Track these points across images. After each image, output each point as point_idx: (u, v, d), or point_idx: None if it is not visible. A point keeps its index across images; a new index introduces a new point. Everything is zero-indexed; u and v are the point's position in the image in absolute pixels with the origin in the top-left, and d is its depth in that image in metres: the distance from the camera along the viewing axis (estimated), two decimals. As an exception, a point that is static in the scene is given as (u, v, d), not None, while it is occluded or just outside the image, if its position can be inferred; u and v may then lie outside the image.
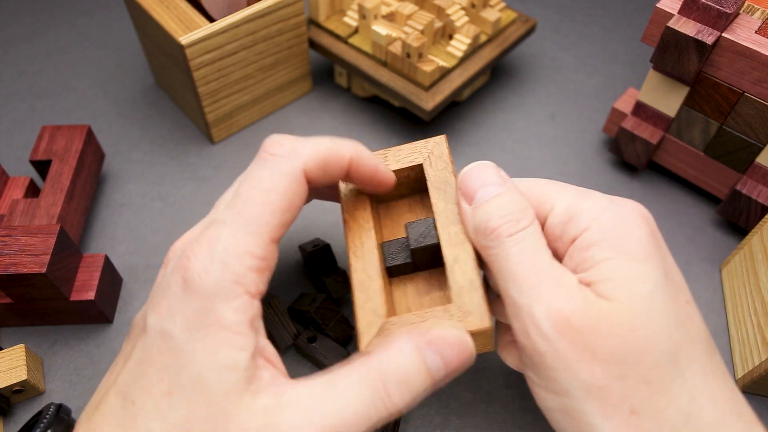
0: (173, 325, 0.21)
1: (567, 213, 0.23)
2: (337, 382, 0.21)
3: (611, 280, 0.21)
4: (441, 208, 0.27)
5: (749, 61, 0.33)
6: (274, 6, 0.40)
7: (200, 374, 0.20)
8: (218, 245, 0.22)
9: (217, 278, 0.21)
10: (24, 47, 0.52)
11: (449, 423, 0.32)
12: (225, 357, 0.21)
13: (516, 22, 0.46)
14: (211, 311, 0.21)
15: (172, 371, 0.21)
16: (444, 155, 0.28)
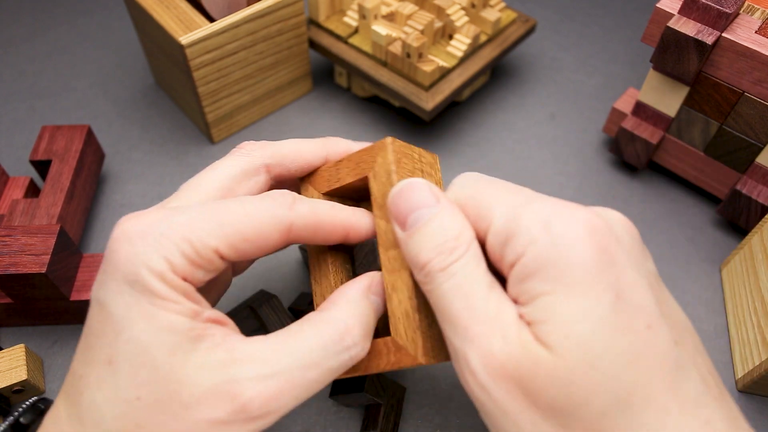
0: (106, 294, 0.21)
1: (504, 232, 0.21)
2: (295, 333, 0.22)
3: (547, 323, 0.19)
4: (383, 229, 0.24)
5: (749, 61, 0.33)
6: (274, 6, 0.40)
7: (138, 338, 0.20)
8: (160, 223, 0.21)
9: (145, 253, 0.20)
10: (24, 47, 0.52)
11: (449, 423, 0.32)
12: (161, 320, 0.20)
13: (516, 22, 0.46)
14: (139, 279, 0.20)
15: (109, 339, 0.20)
16: (386, 163, 0.24)
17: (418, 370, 0.33)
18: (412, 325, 0.23)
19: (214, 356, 0.20)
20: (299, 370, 0.21)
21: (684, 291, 0.37)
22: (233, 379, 0.20)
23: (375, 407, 0.30)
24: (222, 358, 0.20)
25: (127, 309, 0.20)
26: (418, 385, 0.33)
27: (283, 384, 0.20)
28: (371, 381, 0.30)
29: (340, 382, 0.30)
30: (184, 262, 0.21)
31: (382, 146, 0.24)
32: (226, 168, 0.25)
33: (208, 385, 0.20)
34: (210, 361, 0.20)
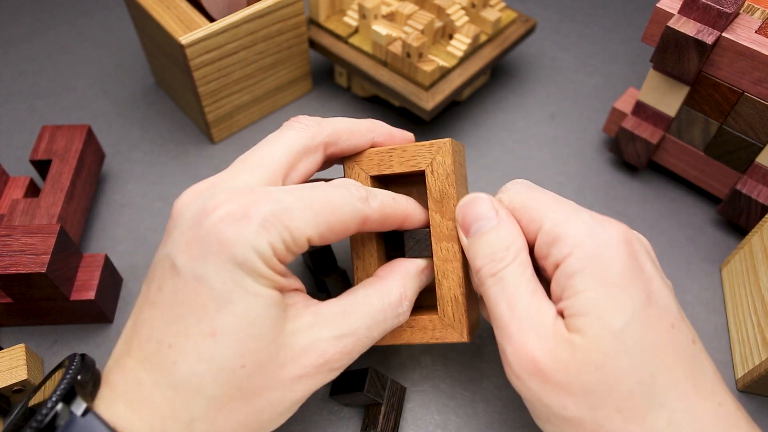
0: (207, 270, 0.21)
1: (552, 235, 0.24)
2: (362, 298, 0.25)
3: (586, 315, 0.22)
4: (437, 222, 0.28)
5: (749, 60, 0.33)
6: (274, 6, 0.40)
7: (246, 312, 0.21)
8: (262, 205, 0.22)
9: (254, 238, 0.22)
10: (24, 47, 0.52)
11: (449, 423, 0.32)
12: (266, 297, 0.22)
13: (516, 22, 0.46)
14: (248, 261, 0.21)
15: (211, 312, 0.21)
16: (446, 164, 0.27)
17: (418, 370, 0.33)
18: (460, 309, 0.27)
19: (302, 321, 0.23)
20: (365, 330, 0.25)
21: (684, 291, 0.37)
22: (318, 339, 0.23)
23: (375, 407, 0.30)
24: (308, 322, 0.23)
25: (233, 285, 0.21)
26: (418, 384, 0.33)
27: (355, 342, 0.24)
28: (371, 381, 0.30)
29: (340, 381, 0.30)
30: (283, 249, 0.22)
31: (443, 146, 0.27)
32: (289, 142, 0.26)
33: (299, 347, 0.23)
34: (299, 326, 0.23)
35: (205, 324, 0.21)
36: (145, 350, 0.22)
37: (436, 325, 0.28)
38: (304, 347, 0.23)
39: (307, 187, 0.24)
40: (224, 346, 0.21)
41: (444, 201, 0.27)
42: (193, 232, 0.22)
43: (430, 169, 0.28)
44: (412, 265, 0.27)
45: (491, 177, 0.43)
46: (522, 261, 0.24)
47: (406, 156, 0.28)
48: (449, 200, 0.27)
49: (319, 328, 0.24)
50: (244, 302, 0.21)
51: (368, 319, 0.25)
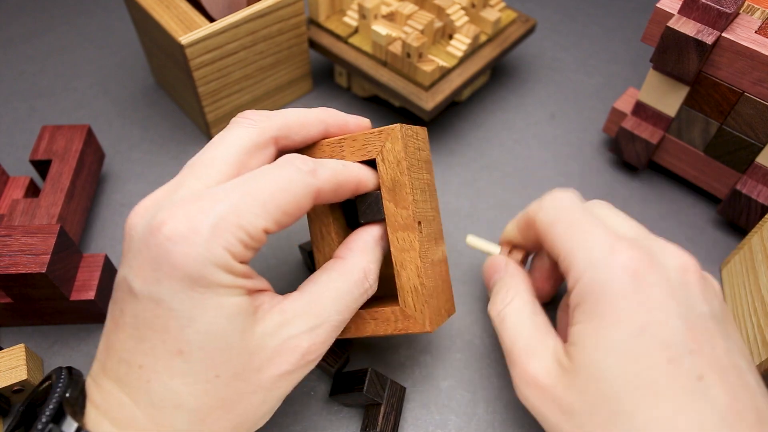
0: (163, 291, 0.21)
1: (564, 265, 0.26)
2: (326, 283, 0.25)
3: (576, 345, 0.24)
4: (391, 211, 0.27)
5: (749, 61, 0.33)
6: (274, 6, 0.40)
7: (209, 328, 0.21)
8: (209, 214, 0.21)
9: (206, 249, 0.21)
10: (24, 47, 0.52)
11: (449, 423, 0.32)
12: (229, 307, 0.22)
13: (516, 22, 0.46)
14: (203, 275, 0.21)
15: (174, 333, 0.21)
16: (396, 150, 0.26)
17: (418, 370, 0.33)
18: (420, 299, 0.27)
19: (271, 321, 0.23)
20: (336, 315, 0.25)
21: (684, 291, 0.37)
22: (290, 335, 0.23)
23: (375, 407, 0.30)
24: (277, 321, 0.23)
25: (192, 304, 0.21)
26: (418, 384, 0.33)
27: (328, 329, 0.24)
28: (371, 381, 0.29)
29: (340, 382, 0.30)
30: (241, 249, 0.22)
31: (392, 133, 0.27)
32: (237, 141, 0.25)
33: (273, 348, 0.23)
34: (269, 327, 0.23)
35: (171, 344, 0.21)
36: (118, 372, 0.22)
37: (398, 316, 0.27)
38: (277, 347, 0.23)
39: (251, 177, 0.23)
40: (194, 362, 0.21)
41: (397, 189, 0.26)
42: (143, 255, 0.21)
43: (381, 157, 0.27)
44: (369, 237, 0.27)
45: (491, 177, 0.43)
46: (522, 300, 0.28)
47: (356, 145, 0.27)
48: (402, 188, 0.26)
49: (289, 324, 0.23)
50: (205, 318, 0.21)
51: (337, 303, 0.25)
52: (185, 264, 0.21)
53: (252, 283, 0.23)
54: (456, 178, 0.43)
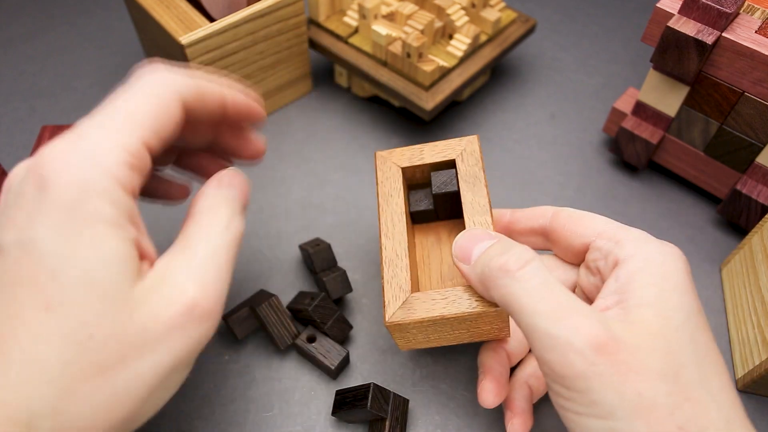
0: (36, 233, 0.18)
1: (615, 238, 0.26)
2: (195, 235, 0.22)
3: (650, 306, 0.23)
4: (468, 200, 0.29)
5: (749, 60, 0.33)
6: (274, 6, 0.40)
7: (85, 274, 0.18)
8: (82, 142, 0.19)
9: (87, 171, 0.19)
10: (24, 47, 0.52)
11: (449, 423, 0.32)
12: (110, 249, 0.19)
13: (516, 22, 0.46)
14: (82, 206, 0.19)
15: (44, 283, 0.18)
16: (475, 152, 0.31)
17: (418, 370, 0.33)
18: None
19: (154, 274, 0.21)
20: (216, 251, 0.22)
21: (684, 291, 0.37)
22: (175, 282, 0.21)
23: (379, 422, 0.30)
24: (159, 272, 0.21)
25: (67, 244, 0.18)
26: (418, 384, 0.33)
27: (214, 269, 0.22)
28: (374, 396, 0.29)
29: (343, 398, 0.30)
30: (125, 171, 0.20)
31: (473, 139, 0.32)
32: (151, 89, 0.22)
33: (158, 299, 0.20)
34: (152, 281, 0.20)
35: (38, 298, 0.18)
36: None
37: (472, 294, 0.27)
38: (163, 299, 0.20)
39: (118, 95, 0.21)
40: (63, 319, 0.18)
41: (475, 183, 0.30)
42: (18, 202, 0.19)
43: (461, 158, 0.31)
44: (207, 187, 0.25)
45: (491, 177, 0.43)
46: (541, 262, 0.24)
47: (436, 149, 0.32)
48: (479, 182, 0.30)
49: (171, 276, 0.21)
50: (80, 260, 0.18)
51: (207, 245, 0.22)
52: (61, 193, 0.18)
53: (137, 234, 0.21)
54: (456, 178, 0.43)
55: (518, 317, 0.23)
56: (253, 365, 0.33)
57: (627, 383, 0.21)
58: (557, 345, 0.22)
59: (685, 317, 0.22)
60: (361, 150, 0.45)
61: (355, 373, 0.33)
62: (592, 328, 0.22)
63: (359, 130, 0.46)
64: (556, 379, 0.22)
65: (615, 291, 0.24)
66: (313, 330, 0.33)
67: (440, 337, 0.28)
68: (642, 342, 0.22)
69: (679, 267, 0.24)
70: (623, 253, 0.25)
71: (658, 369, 0.21)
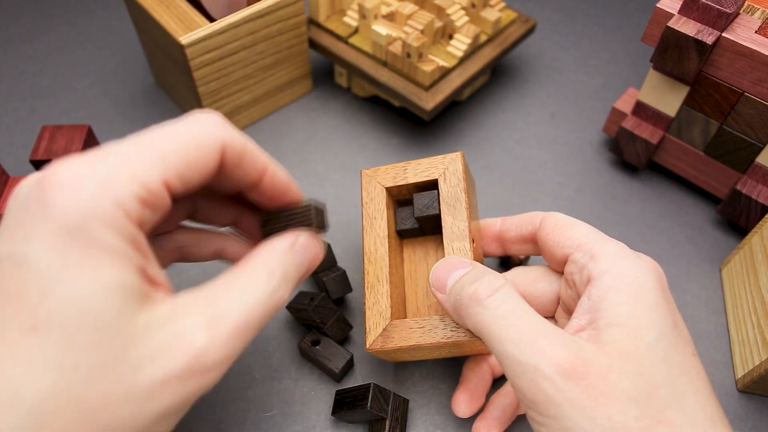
0: (31, 249, 0.17)
1: (591, 252, 0.25)
2: (233, 284, 0.21)
3: (623, 326, 0.22)
4: (449, 224, 0.30)
5: (749, 61, 0.33)
6: (274, 6, 0.40)
7: (77, 296, 0.17)
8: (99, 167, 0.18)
9: (93, 196, 0.18)
10: (24, 47, 0.52)
11: (449, 423, 0.32)
12: (109, 276, 0.17)
13: (516, 22, 0.46)
14: (83, 230, 0.17)
15: (31, 302, 0.17)
16: (458, 171, 0.31)
17: (417, 370, 0.33)
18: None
19: (160, 311, 0.19)
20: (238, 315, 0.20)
21: (684, 291, 0.37)
22: (183, 329, 0.19)
23: (379, 422, 0.30)
24: (168, 311, 0.19)
25: (63, 265, 0.17)
26: (418, 384, 0.33)
27: (229, 329, 0.20)
28: (374, 396, 0.29)
29: (343, 398, 0.30)
30: (135, 204, 0.18)
31: (456, 157, 0.31)
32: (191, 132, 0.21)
33: (159, 341, 0.18)
34: (157, 317, 0.18)
35: (24, 317, 0.17)
36: None
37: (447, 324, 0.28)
38: (165, 342, 0.18)
39: (151, 129, 0.20)
40: (47, 342, 0.17)
41: (456, 205, 0.30)
42: (18, 215, 0.18)
43: (443, 177, 0.31)
44: (277, 244, 0.23)
45: (491, 177, 0.43)
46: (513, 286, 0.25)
47: (420, 168, 0.32)
48: (460, 204, 0.30)
49: (183, 316, 0.19)
50: (75, 285, 0.17)
51: (238, 301, 0.20)
52: (64, 214, 0.17)
53: (145, 262, 0.19)
54: (456, 178, 0.43)
55: (490, 345, 0.24)
56: (253, 365, 0.33)
57: (597, 408, 0.20)
58: (526, 372, 0.22)
59: (658, 336, 0.22)
60: (361, 150, 0.45)
61: (356, 373, 0.33)
62: (559, 353, 0.21)
63: (359, 130, 0.46)
64: (529, 405, 0.22)
65: (587, 310, 0.24)
66: (316, 333, 0.33)
67: (423, 356, 0.30)
68: (612, 364, 0.21)
69: (652, 283, 0.24)
70: (597, 269, 0.24)
71: (629, 392, 0.21)
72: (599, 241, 0.26)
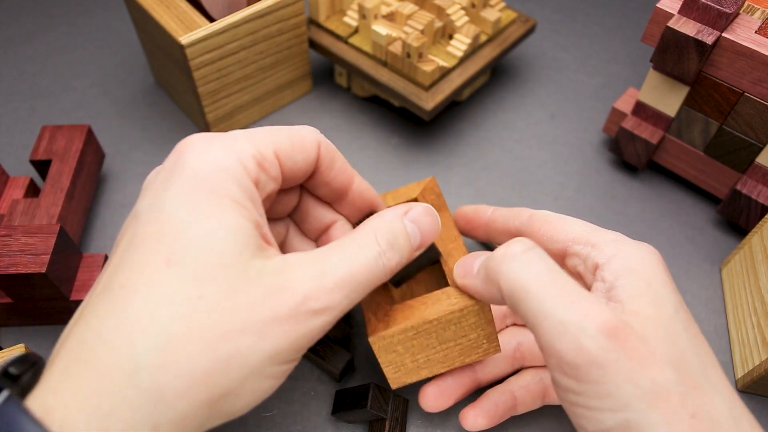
0: (167, 196, 0.20)
1: (590, 242, 0.25)
2: (341, 245, 0.23)
3: (645, 296, 0.22)
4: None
5: (749, 61, 0.33)
6: (274, 6, 0.40)
7: (207, 234, 0.20)
8: (222, 135, 0.22)
9: (220, 154, 0.21)
10: (24, 47, 0.52)
11: (449, 423, 0.32)
12: (231, 221, 0.20)
13: (516, 22, 0.46)
14: (211, 180, 0.21)
15: (168, 240, 0.20)
16: (434, 189, 0.33)
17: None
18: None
19: (273, 262, 0.21)
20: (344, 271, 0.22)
21: (684, 291, 0.37)
22: (292, 277, 0.21)
23: (379, 422, 0.30)
24: (279, 264, 0.21)
25: (195, 209, 0.20)
26: (418, 385, 0.33)
27: (335, 280, 0.21)
28: (374, 396, 0.29)
29: (342, 399, 0.30)
30: (253, 164, 0.22)
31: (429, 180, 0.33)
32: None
33: (271, 284, 0.20)
34: (269, 266, 0.21)
35: (161, 252, 0.19)
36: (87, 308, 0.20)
37: (450, 294, 0.27)
38: (275, 286, 0.20)
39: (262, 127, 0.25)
40: (180, 273, 0.19)
41: (439, 210, 0.32)
42: (160, 174, 0.22)
43: (422, 196, 0.32)
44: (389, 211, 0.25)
45: (491, 177, 0.43)
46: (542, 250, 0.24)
47: (398, 195, 0.33)
48: (443, 210, 0.32)
49: (291, 269, 0.21)
50: (203, 225, 0.20)
51: (345, 261, 0.22)
52: (195, 168, 0.21)
53: (261, 219, 0.22)
54: (456, 179, 0.43)
55: (525, 304, 0.22)
56: (253, 365, 0.33)
57: (640, 371, 0.20)
58: (569, 331, 0.21)
59: (675, 308, 0.22)
60: (361, 150, 0.45)
61: (356, 374, 0.33)
62: (602, 312, 0.21)
63: (359, 130, 0.46)
64: (567, 370, 0.21)
65: (605, 291, 0.24)
66: None
67: (429, 359, 0.28)
68: (646, 328, 0.21)
69: (658, 264, 0.24)
70: (602, 256, 0.24)
71: (667, 355, 0.21)
72: (595, 232, 0.26)
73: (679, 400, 0.20)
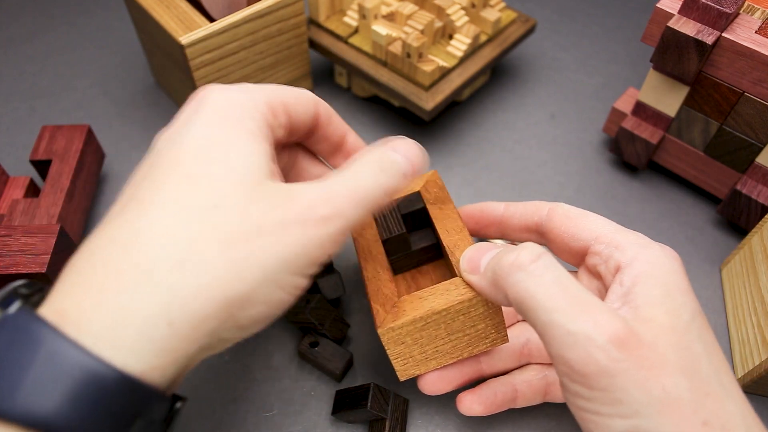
0: (190, 126, 0.22)
1: (614, 243, 0.25)
2: (339, 172, 0.24)
3: (661, 305, 0.22)
4: (438, 215, 0.31)
5: (749, 61, 0.33)
6: (274, 6, 0.40)
7: (226, 157, 0.21)
8: (236, 84, 0.24)
9: (237, 94, 0.23)
10: (24, 47, 0.52)
11: (449, 423, 0.32)
12: (247, 146, 0.22)
13: (516, 22, 0.46)
14: (230, 114, 0.23)
15: (189, 161, 0.21)
16: (437, 182, 0.33)
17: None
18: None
19: (282, 185, 0.22)
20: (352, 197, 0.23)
21: (684, 291, 0.37)
22: (302, 190, 0.22)
23: (379, 422, 0.30)
24: (287, 187, 0.22)
25: (213, 135, 0.22)
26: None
27: (341, 192, 0.23)
28: (375, 396, 0.29)
29: (343, 399, 0.30)
30: (264, 107, 0.24)
31: (433, 173, 0.34)
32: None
33: (281, 197, 0.22)
34: (280, 187, 0.22)
35: (180, 171, 0.21)
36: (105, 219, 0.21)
37: (457, 285, 0.27)
38: (285, 197, 0.22)
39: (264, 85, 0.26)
40: (198, 185, 0.21)
41: (441, 204, 0.32)
42: (179, 114, 0.24)
43: (425, 188, 0.33)
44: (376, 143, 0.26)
45: (491, 177, 0.43)
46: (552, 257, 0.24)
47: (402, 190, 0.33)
48: (447, 202, 0.32)
49: (299, 186, 0.23)
50: (221, 148, 0.22)
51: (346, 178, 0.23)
52: (216, 104, 0.23)
53: (272, 153, 0.23)
54: (456, 178, 0.43)
55: (533, 314, 0.22)
56: (253, 365, 0.33)
57: (651, 379, 0.20)
58: (577, 341, 0.21)
59: (692, 316, 0.22)
60: (361, 150, 0.45)
61: (356, 373, 0.33)
62: (612, 322, 0.21)
63: (359, 130, 0.46)
64: (577, 378, 0.21)
65: (621, 296, 0.23)
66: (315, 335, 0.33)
67: (437, 350, 0.28)
68: (658, 336, 0.21)
69: (678, 269, 0.24)
70: (624, 258, 0.24)
71: (678, 363, 0.21)
72: (619, 232, 0.26)
73: (691, 407, 0.20)
